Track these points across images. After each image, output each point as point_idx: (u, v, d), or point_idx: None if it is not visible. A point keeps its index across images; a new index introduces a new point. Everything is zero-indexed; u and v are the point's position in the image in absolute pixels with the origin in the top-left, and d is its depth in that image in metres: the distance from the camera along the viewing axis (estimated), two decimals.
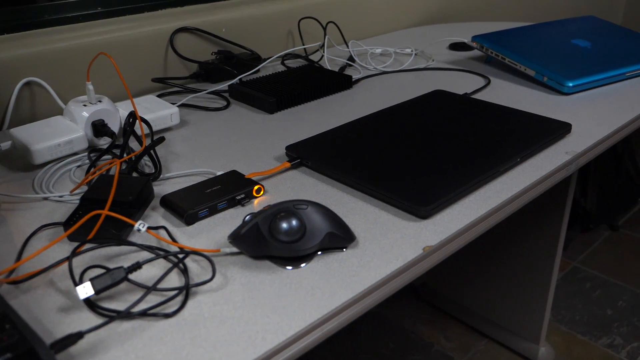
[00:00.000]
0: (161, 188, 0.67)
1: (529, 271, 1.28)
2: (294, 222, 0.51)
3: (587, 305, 1.49)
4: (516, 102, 0.90)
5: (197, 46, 1.04)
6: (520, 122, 0.78)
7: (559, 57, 0.99)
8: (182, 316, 0.46)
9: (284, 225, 0.50)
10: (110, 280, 0.47)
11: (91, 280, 0.47)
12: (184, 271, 0.50)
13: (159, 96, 0.94)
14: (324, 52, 1.11)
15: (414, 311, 1.49)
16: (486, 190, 0.64)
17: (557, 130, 0.75)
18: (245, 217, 0.53)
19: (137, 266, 0.48)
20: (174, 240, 0.55)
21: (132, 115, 0.72)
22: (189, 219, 0.58)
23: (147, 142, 0.76)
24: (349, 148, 0.71)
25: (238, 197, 0.62)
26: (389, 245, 0.55)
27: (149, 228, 0.58)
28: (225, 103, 0.93)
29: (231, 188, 0.63)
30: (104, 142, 0.77)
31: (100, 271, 0.51)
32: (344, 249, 0.54)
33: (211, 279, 0.49)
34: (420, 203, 0.58)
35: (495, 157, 0.68)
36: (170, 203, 0.60)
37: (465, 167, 0.65)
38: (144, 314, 0.46)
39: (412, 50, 1.15)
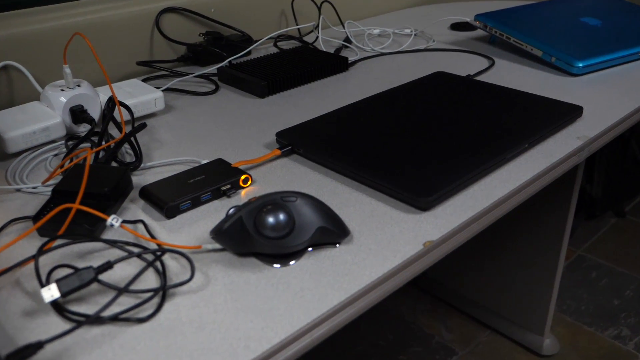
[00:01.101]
0: (142, 178, 0.62)
1: (534, 260, 1.24)
2: (281, 216, 0.46)
3: (593, 295, 1.45)
4: (522, 84, 0.85)
5: (185, 27, 0.98)
6: (528, 105, 0.73)
7: (567, 36, 0.94)
8: (157, 321, 0.42)
9: (271, 219, 0.46)
10: (78, 282, 0.42)
11: (57, 281, 0.42)
12: (161, 271, 0.46)
13: (144, 80, 0.89)
14: (318, 33, 1.06)
15: (414, 301, 1.45)
16: (492, 179, 0.59)
17: (567, 113, 0.70)
18: (229, 210, 0.49)
19: (107, 266, 0.43)
20: (152, 235, 0.51)
21: (112, 101, 0.68)
22: (170, 212, 0.54)
23: (127, 129, 0.71)
24: (344, 134, 0.66)
25: (223, 188, 0.57)
26: (386, 240, 0.50)
27: (125, 222, 0.53)
28: (213, 87, 0.88)
29: (216, 178, 0.58)
30: (84, 129, 0.73)
31: (69, 271, 0.47)
32: (337, 245, 0.49)
33: (189, 280, 0.44)
34: (420, 194, 0.54)
35: (501, 143, 0.63)
36: (150, 195, 0.56)
37: (469, 154, 0.60)
38: (115, 318, 0.42)
39: (411, 31, 1.10)
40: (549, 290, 1.25)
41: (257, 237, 0.46)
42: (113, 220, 0.47)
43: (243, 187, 0.59)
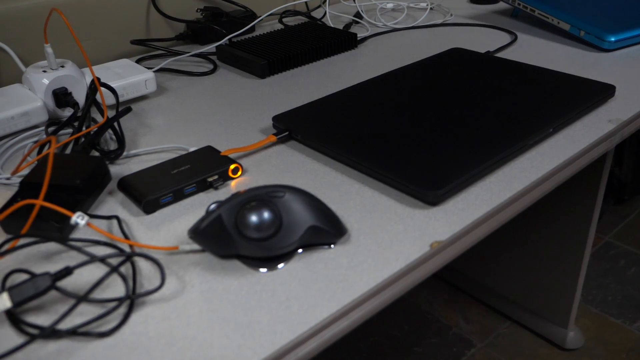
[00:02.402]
0: (125, 167, 0.57)
1: (558, 247, 1.16)
2: (265, 214, 0.40)
3: (620, 285, 1.37)
4: (547, 61, 0.77)
5: (184, 3, 0.92)
6: (553, 84, 0.65)
7: (597, 7, 0.85)
8: (121, 335, 0.37)
9: (253, 218, 0.40)
10: (33, 290, 0.37)
11: (9, 289, 0.37)
12: (130, 276, 0.41)
13: (139, 60, 0.83)
14: (327, 7, 0.99)
15: (431, 290, 1.39)
16: (511, 169, 0.52)
17: (598, 93, 0.63)
18: (210, 205, 0.43)
19: (66, 272, 0.38)
20: (124, 234, 0.45)
21: (95, 83, 0.62)
22: (148, 207, 0.48)
23: (112, 113, 0.65)
24: (347, 118, 0.60)
25: (210, 179, 0.51)
26: (389, 240, 0.44)
27: (99, 218, 0.48)
28: (211, 67, 0.82)
29: (203, 168, 0.52)
30: (69, 113, 0.68)
31: (26, 276, 0.42)
32: (332, 246, 0.44)
33: (159, 288, 0.39)
34: (428, 186, 0.47)
35: (522, 127, 0.56)
36: (128, 187, 0.50)
37: (486, 141, 0.54)
38: (73, 332, 0.37)
39: (427, 4, 1.02)
40: (574, 279, 1.18)
41: (238, 238, 0.40)
42: (78, 217, 0.42)
43: (233, 178, 0.53)
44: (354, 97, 0.64)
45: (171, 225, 0.47)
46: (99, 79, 0.62)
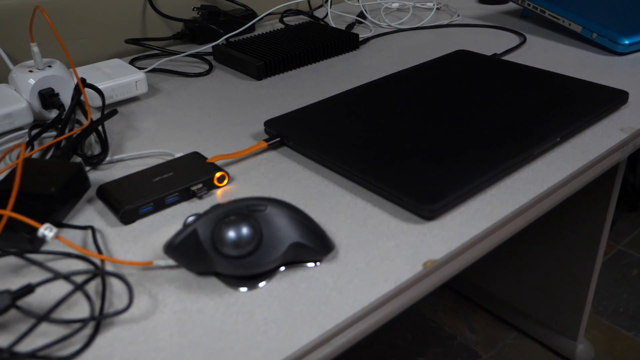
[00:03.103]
0: (108, 173, 0.54)
1: (568, 255, 1.12)
2: (244, 230, 0.37)
3: (633, 295, 1.33)
4: (557, 64, 0.74)
5: (183, 1, 0.89)
6: (562, 89, 0.62)
7: (611, 9, 0.81)
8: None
9: (231, 234, 0.37)
10: None
11: None
12: (102, 294, 0.38)
13: (133, 60, 0.81)
14: (329, 6, 0.96)
15: (436, 297, 1.36)
16: (514, 181, 0.49)
17: (610, 100, 0.59)
18: (188, 218, 0.40)
19: (26, 290, 0.35)
20: (98, 247, 0.43)
21: (83, 84, 0.60)
22: (126, 217, 0.46)
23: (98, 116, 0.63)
24: (343, 124, 0.57)
25: (194, 188, 0.49)
26: (379, 258, 0.41)
27: (74, 228, 0.45)
28: (207, 67, 0.79)
29: (187, 175, 0.49)
30: (56, 115, 0.65)
31: None
32: (317, 263, 0.41)
33: (126, 309, 0.36)
34: (424, 199, 0.44)
35: (528, 136, 0.52)
36: (107, 195, 0.48)
37: (488, 150, 0.50)
38: (32, 355, 0.34)
39: (434, 4, 0.99)
40: (584, 289, 1.14)
41: (214, 255, 0.37)
42: (46, 229, 0.39)
43: (218, 186, 0.50)
44: (351, 102, 0.61)
45: (150, 237, 0.45)
46: (84, 80, 0.59)
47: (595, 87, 0.62)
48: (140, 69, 0.77)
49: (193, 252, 0.38)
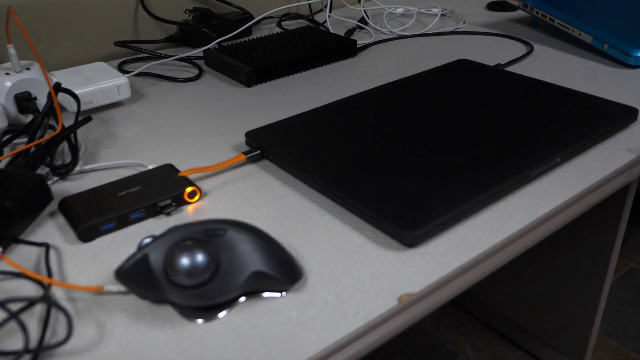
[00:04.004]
0: (77, 184, 0.51)
1: (576, 272, 1.07)
2: (198, 257, 0.34)
3: None
4: (565, 76, 0.70)
5: (177, 3, 0.86)
6: (567, 105, 0.58)
7: (625, 19, 0.77)
8: None
9: (183, 261, 0.34)
10: None
11: None
12: (43, 324, 0.35)
13: (123, 62, 0.78)
14: (327, 10, 0.92)
15: (438, 312, 1.32)
16: (508, 205, 0.45)
17: (618, 117, 0.55)
18: (143, 240, 0.37)
19: None
20: (48, 267, 0.40)
21: (56, 88, 0.57)
22: (85, 234, 0.43)
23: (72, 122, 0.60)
24: (328, 138, 0.53)
25: (162, 204, 0.45)
26: (351, 289, 0.37)
27: (29, 244, 0.42)
28: (197, 72, 0.76)
29: (155, 190, 0.46)
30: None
31: None
32: (283, 293, 0.37)
33: (65, 341, 0.33)
34: (405, 224, 0.40)
35: (525, 155, 0.49)
36: (68, 209, 0.45)
37: (480, 171, 0.46)
38: None
39: (439, 10, 0.95)
40: (592, 308, 1.09)
41: (165, 284, 0.34)
42: None
43: (189, 202, 0.47)
44: (340, 113, 0.58)
45: (109, 258, 0.41)
46: (59, 84, 0.57)
47: (602, 102, 0.58)
48: (127, 72, 0.74)
49: (144, 279, 0.35)
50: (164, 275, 0.34)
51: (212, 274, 0.34)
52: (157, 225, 0.45)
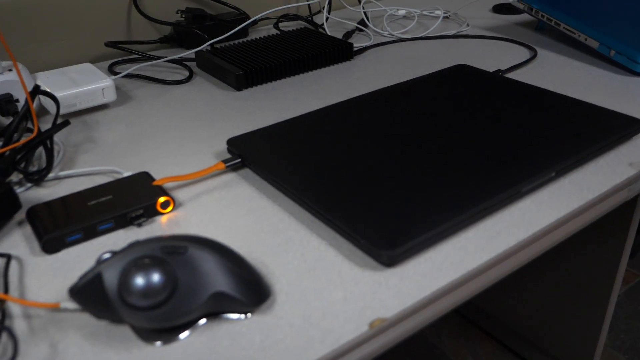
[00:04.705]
0: (51, 192, 0.49)
1: (583, 282, 1.04)
2: (154, 277, 0.32)
3: None
4: (568, 83, 0.67)
5: (171, 3, 0.85)
6: (567, 114, 0.55)
7: (632, 24, 0.74)
8: None
9: (138, 281, 0.32)
10: None
11: None
12: None
13: (113, 64, 0.76)
14: (325, 12, 0.90)
15: (440, 321, 1.29)
16: (496, 222, 0.42)
17: (620, 128, 0.52)
18: (102, 255, 0.35)
19: None
20: (5, 282, 0.38)
21: (35, 91, 0.55)
22: (50, 246, 0.41)
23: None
24: (311, 147, 0.51)
25: (133, 214, 0.43)
26: (320, 312, 0.35)
27: None
28: (187, 74, 0.74)
29: (127, 199, 0.44)
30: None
31: None
32: (248, 315, 0.35)
33: None
34: (383, 242, 0.38)
35: (518, 169, 0.46)
36: (35, 219, 0.43)
37: (467, 184, 0.44)
38: None
39: (441, 12, 0.92)
40: (599, 320, 1.06)
41: (118, 305, 0.32)
42: None
43: (162, 213, 0.45)
44: (327, 120, 0.55)
45: (72, 271, 0.39)
46: (37, 87, 0.55)
47: (604, 112, 0.55)
48: (117, 73, 0.73)
49: (98, 299, 0.33)
50: (118, 295, 0.32)
51: (168, 295, 0.32)
52: (126, 236, 0.43)
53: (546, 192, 0.46)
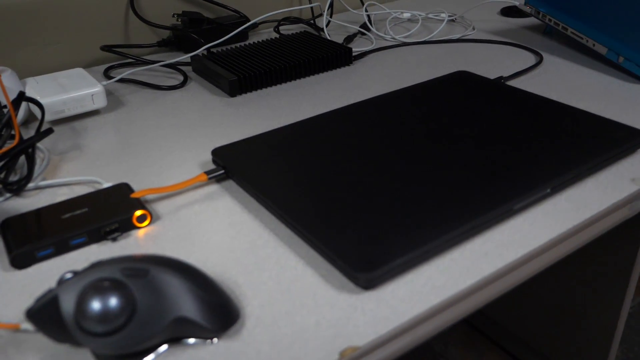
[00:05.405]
0: (31, 202, 0.48)
1: (595, 292, 1.01)
2: (111, 302, 0.30)
3: None
4: (573, 90, 0.64)
5: (169, 6, 0.83)
6: (568, 125, 0.52)
7: None
8: None
9: (93, 306, 0.30)
10: None
11: None
12: None
13: (108, 68, 0.75)
14: (326, 15, 0.88)
15: (447, 329, 1.26)
16: (484, 241, 0.40)
17: (623, 141, 0.49)
18: (64, 275, 0.34)
19: None
20: None
21: (20, 98, 0.54)
22: (19, 261, 0.40)
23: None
24: (297, 158, 0.49)
25: (108, 229, 0.42)
26: (290, 338, 0.33)
27: None
28: (181, 79, 0.73)
29: (102, 212, 0.43)
30: None
31: None
32: (214, 340, 0.33)
33: None
34: (360, 264, 0.36)
35: (510, 184, 0.44)
36: (7, 232, 0.42)
37: (455, 201, 0.42)
38: None
39: (446, 15, 0.89)
40: (610, 331, 1.02)
41: (74, 330, 0.31)
42: None
43: (138, 227, 0.44)
44: (316, 130, 0.54)
45: (41, 287, 0.38)
46: (22, 93, 0.54)
47: (607, 123, 0.52)
48: (112, 78, 0.72)
49: (55, 322, 0.31)
50: (74, 319, 0.31)
51: (126, 320, 0.30)
52: (100, 251, 0.41)
53: (540, 210, 0.43)
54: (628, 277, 0.95)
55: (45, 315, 0.32)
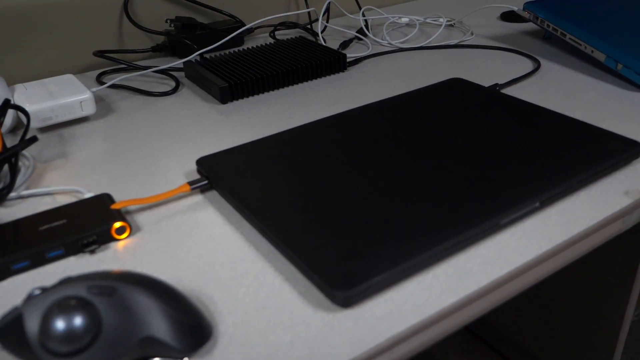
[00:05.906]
0: (12, 212, 0.47)
1: (597, 300, 0.99)
2: (75, 321, 0.29)
3: None
4: (570, 98, 0.62)
5: (163, 11, 0.83)
6: (561, 135, 0.51)
7: None
8: None
9: (57, 325, 0.29)
10: None
11: None
12: None
13: (101, 74, 0.75)
14: (321, 20, 0.87)
15: (448, 337, 1.24)
16: (469, 258, 0.39)
17: (618, 152, 0.48)
18: (33, 291, 0.33)
19: None
20: None
21: (5, 105, 0.54)
22: None
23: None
24: (281, 169, 0.48)
25: (84, 241, 0.41)
26: (263, 358, 0.32)
27: None
28: (173, 85, 0.72)
29: (81, 224, 0.42)
30: None
31: None
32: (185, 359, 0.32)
33: None
34: (337, 282, 0.35)
35: (498, 197, 0.42)
36: None
37: (440, 215, 0.41)
38: None
39: (444, 21, 0.88)
40: (613, 339, 1.01)
41: (38, 350, 0.30)
42: None
43: (117, 239, 0.43)
44: (304, 139, 0.53)
45: (13, 302, 0.37)
46: (8, 100, 0.53)
47: (602, 134, 0.51)
48: (104, 84, 0.71)
49: (20, 341, 0.31)
50: (38, 339, 0.30)
51: (90, 340, 0.30)
52: (77, 264, 0.41)
53: (529, 224, 0.42)
54: (631, 284, 0.93)
55: (10, 333, 0.31)
